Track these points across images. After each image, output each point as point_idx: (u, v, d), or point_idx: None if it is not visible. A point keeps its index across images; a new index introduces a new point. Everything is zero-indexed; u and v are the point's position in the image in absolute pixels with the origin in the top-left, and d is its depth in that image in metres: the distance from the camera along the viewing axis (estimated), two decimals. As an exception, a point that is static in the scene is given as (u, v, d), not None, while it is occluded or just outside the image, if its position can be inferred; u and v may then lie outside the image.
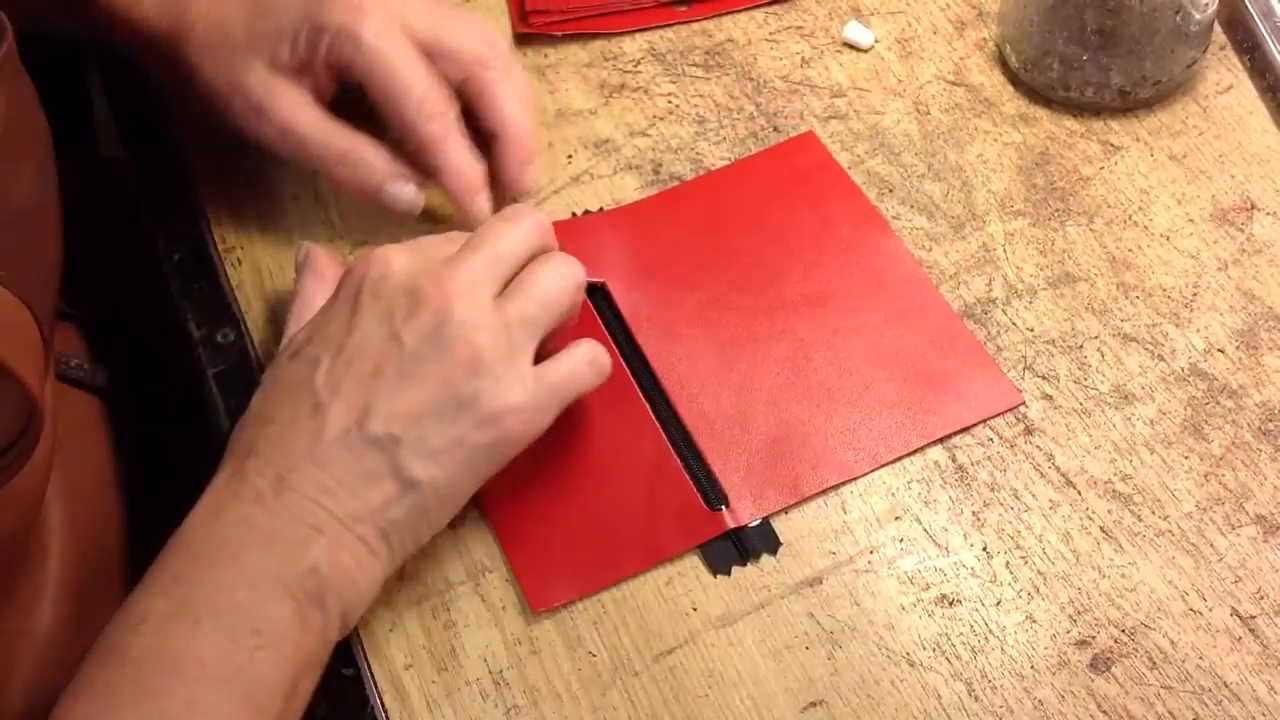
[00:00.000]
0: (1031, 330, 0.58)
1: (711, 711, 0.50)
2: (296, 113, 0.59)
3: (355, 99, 0.60)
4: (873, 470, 0.55)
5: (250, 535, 0.47)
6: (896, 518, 0.54)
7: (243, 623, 0.46)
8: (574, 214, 0.64)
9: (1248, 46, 0.67)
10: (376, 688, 0.52)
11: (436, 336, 0.49)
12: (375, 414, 0.48)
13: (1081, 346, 0.58)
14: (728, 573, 0.53)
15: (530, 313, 0.51)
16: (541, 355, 0.52)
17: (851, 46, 0.69)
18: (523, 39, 0.71)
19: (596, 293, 0.60)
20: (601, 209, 0.64)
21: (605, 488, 0.55)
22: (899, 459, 0.55)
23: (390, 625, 0.53)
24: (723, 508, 0.54)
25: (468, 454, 0.49)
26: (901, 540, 0.54)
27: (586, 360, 0.52)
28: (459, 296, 0.50)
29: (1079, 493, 0.54)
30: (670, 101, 0.68)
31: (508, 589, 0.53)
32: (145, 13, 0.60)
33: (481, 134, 0.61)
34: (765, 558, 0.53)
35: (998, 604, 0.52)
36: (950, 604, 0.52)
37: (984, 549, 0.53)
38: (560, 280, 0.52)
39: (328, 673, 0.52)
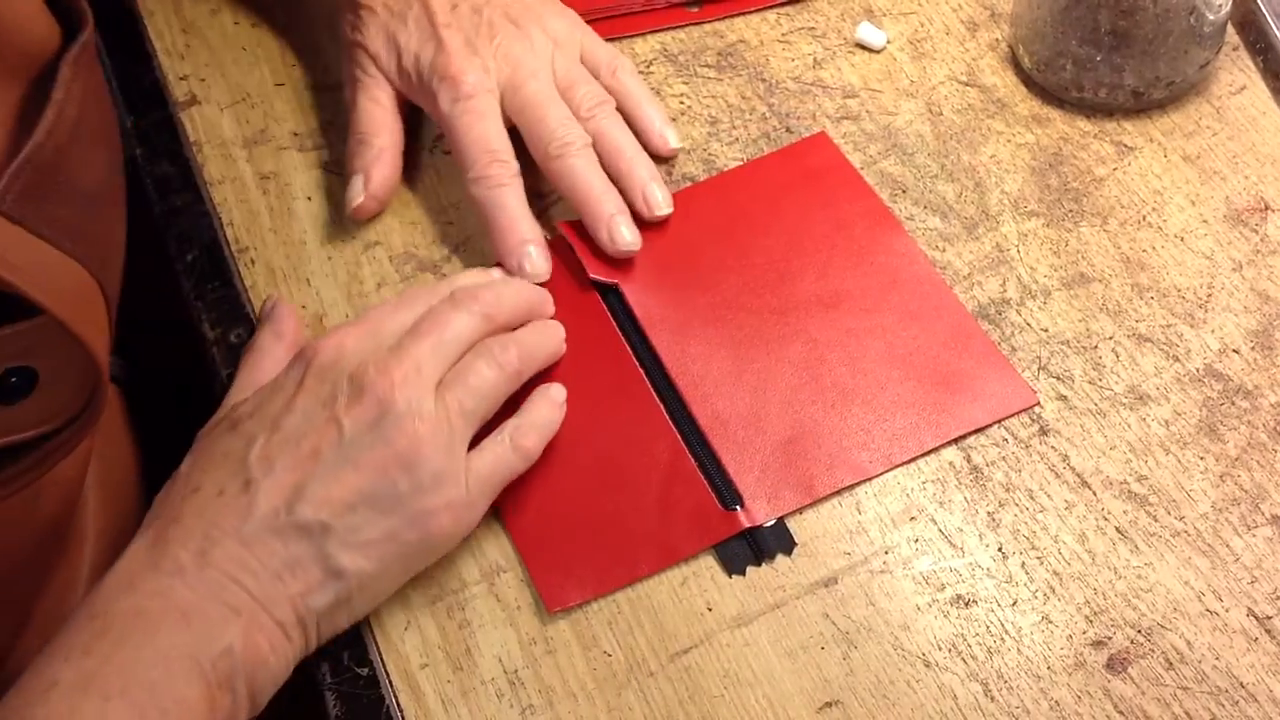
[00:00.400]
0: (1046, 331, 0.58)
1: (727, 711, 0.50)
2: (364, 88, 0.64)
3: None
4: (887, 471, 0.55)
5: (166, 609, 0.47)
6: (911, 518, 0.54)
7: (151, 702, 0.45)
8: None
9: (1261, 47, 0.67)
10: (392, 687, 0.52)
11: (377, 425, 0.49)
12: (307, 498, 0.48)
13: (1096, 347, 0.58)
14: (743, 573, 0.53)
15: (469, 405, 0.52)
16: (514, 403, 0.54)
17: (864, 47, 0.69)
18: (535, 40, 0.71)
19: (610, 294, 0.60)
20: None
21: (620, 488, 0.55)
22: (913, 459, 0.55)
23: (405, 624, 0.53)
24: (737, 508, 0.54)
25: (398, 548, 0.50)
26: (916, 541, 0.54)
27: (511, 447, 0.53)
28: (401, 385, 0.50)
29: (1094, 493, 0.54)
30: (683, 102, 0.68)
31: (523, 589, 0.53)
32: None
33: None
34: (780, 558, 0.53)
35: (1013, 604, 0.52)
36: (966, 604, 0.52)
37: (999, 549, 0.53)
38: (496, 372, 0.53)
39: (344, 672, 0.52)
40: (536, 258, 0.60)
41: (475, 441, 0.52)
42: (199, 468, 0.51)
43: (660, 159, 0.64)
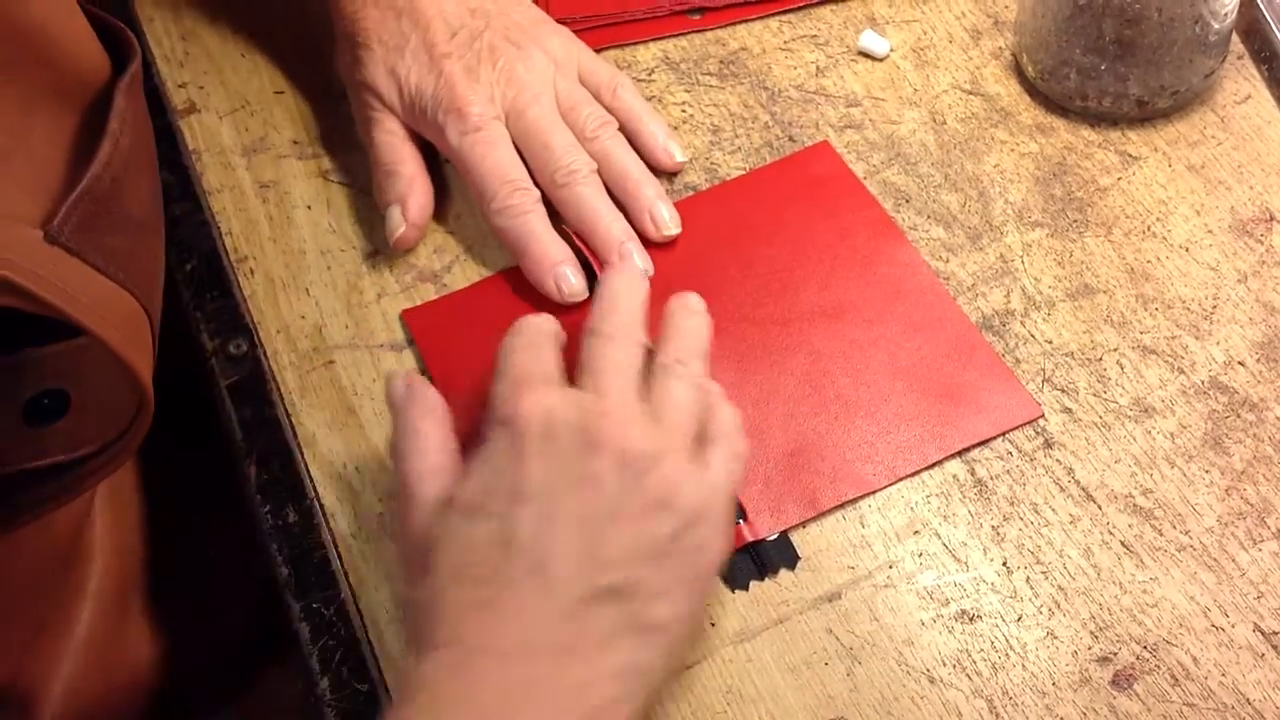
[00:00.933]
0: (1050, 342, 0.58)
1: (730, 728, 0.50)
2: (377, 125, 0.64)
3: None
4: (891, 484, 0.55)
5: (504, 704, 0.43)
6: (915, 532, 0.54)
7: None
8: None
9: (1266, 56, 0.67)
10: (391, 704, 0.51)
11: (627, 474, 0.46)
12: (600, 563, 0.45)
13: (1101, 359, 0.57)
14: (746, 587, 0.53)
15: (686, 426, 0.49)
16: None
17: (867, 55, 0.69)
18: (536, 48, 0.70)
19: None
20: (616, 219, 0.64)
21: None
22: (917, 472, 0.55)
23: (406, 640, 0.52)
24: (740, 521, 0.54)
25: (689, 584, 0.47)
26: (920, 555, 0.53)
27: (732, 447, 0.50)
28: (628, 428, 0.47)
29: (1099, 507, 0.54)
30: (684, 111, 0.67)
31: (524, 604, 0.53)
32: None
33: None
34: (783, 572, 0.53)
35: (1018, 620, 0.51)
36: (970, 620, 0.52)
37: (1004, 564, 0.53)
38: (690, 389, 0.50)
39: (343, 688, 0.52)
40: (573, 278, 0.60)
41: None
42: (460, 565, 0.46)
43: (666, 174, 0.64)
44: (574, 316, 0.60)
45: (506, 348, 0.51)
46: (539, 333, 0.52)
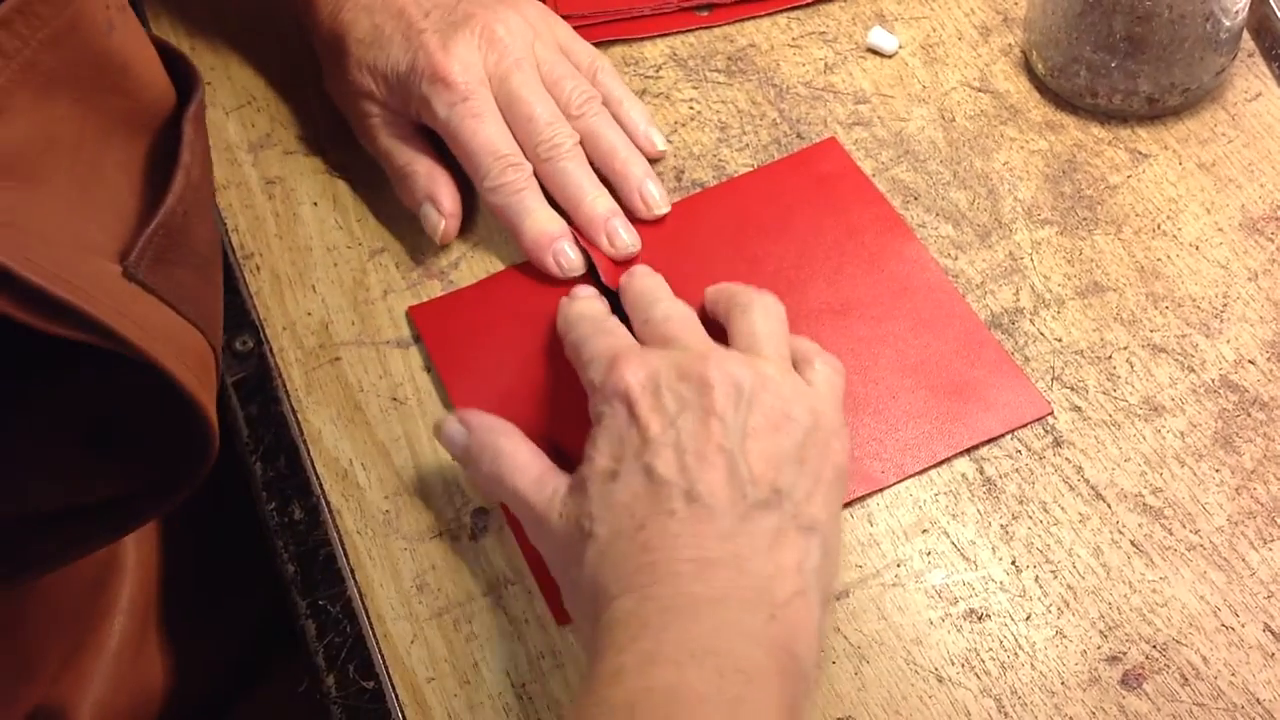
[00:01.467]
0: (1059, 340, 0.58)
1: (737, 727, 0.49)
2: (376, 130, 0.64)
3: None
4: (899, 481, 0.55)
5: (695, 603, 0.44)
6: (924, 530, 0.54)
7: (727, 663, 0.42)
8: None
9: (1277, 54, 0.66)
10: (398, 701, 0.51)
11: (742, 400, 0.48)
12: (747, 479, 0.47)
13: (1110, 357, 0.57)
14: (753, 586, 0.53)
15: (782, 349, 0.52)
16: None
17: (875, 52, 0.68)
18: (543, 44, 0.70)
19: (619, 302, 0.60)
20: (623, 216, 0.63)
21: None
22: (925, 470, 0.55)
23: (412, 638, 0.52)
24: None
25: (828, 485, 0.49)
26: (929, 553, 0.53)
27: (830, 364, 0.53)
28: (728, 359, 0.49)
29: (1109, 506, 0.53)
30: (692, 107, 0.67)
31: (531, 601, 0.53)
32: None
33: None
34: (791, 571, 0.53)
35: (1027, 619, 0.51)
36: (979, 619, 0.51)
37: (1013, 563, 0.52)
38: (768, 316, 0.53)
39: (349, 685, 0.51)
40: (570, 253, 0.60)
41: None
42: (616, 520, 0.47)
43: (651, 162, 0.64)
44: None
45: (577, 338, 0.53)
46: (597, 313, 0.55)
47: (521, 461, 0.51)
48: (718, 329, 0.55)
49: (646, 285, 0.56)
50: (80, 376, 0.45)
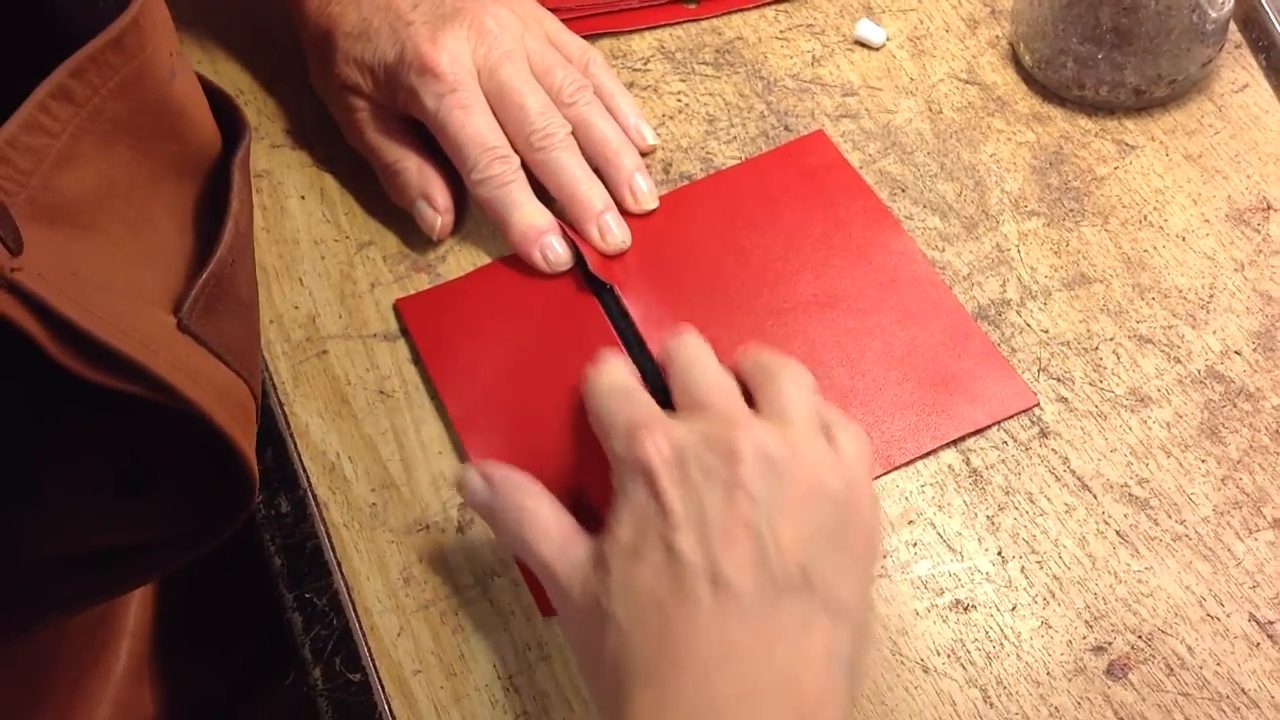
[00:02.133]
0: (1046, 332, 0.58)
1: (723, 718, 0.50)
2: (364, 126, 0.63)
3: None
4: (886, 473, 0.55)
5: (724, 700, 0.42)
6: (910, 522, 0.54)
7: None
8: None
9: (1263, 45, 0.66)
10: (384, 693, 0.51)
11: (770, 472, 0.45)
12: (775, 558, 0.44)
13: (1097, 348, 0.57)
14: (739, 577, 0.52)
15: (814, 417, 0.49)
16: None
17: (863, 44, 0.68)
18: (531, 37, 0.70)
19: (606, 294, 0.60)
20: (611, 209, 0.63)
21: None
22: (912, 461, 0.55)
23: (399, 630, 0.52)
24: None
25: (863, 564, 0.46)
26: (915, 545, 0.53)
27: (856, 432, 0.50)
28: (757, 428, 0.47)
29: (1095, 496, 0.53)
30: (680, 100, 0.67)
31: (517, 593, 0.53)
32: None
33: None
34: (777, 562, 0.53)
35: (1013, 609, 0.51)
36: (965, 609, 0.51)
37: (999, 553, 0.52)
38: (797, 387, 0.50)
39: (336, 678, 0.51)
40: (558, 247, 0.60)
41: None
42: (637, 602, 0.44)
43: (641, 155, 0.64)
44: (562, 282, 0.60)
45: (601, 408, 0.50)
46: (625, 379, 0.51)
47: (545, 525, 0.48)
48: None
49: (693, 354, 0.52)
50: (112, 417, 0.44)
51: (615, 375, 0.52)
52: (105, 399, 0.41)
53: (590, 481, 0.55)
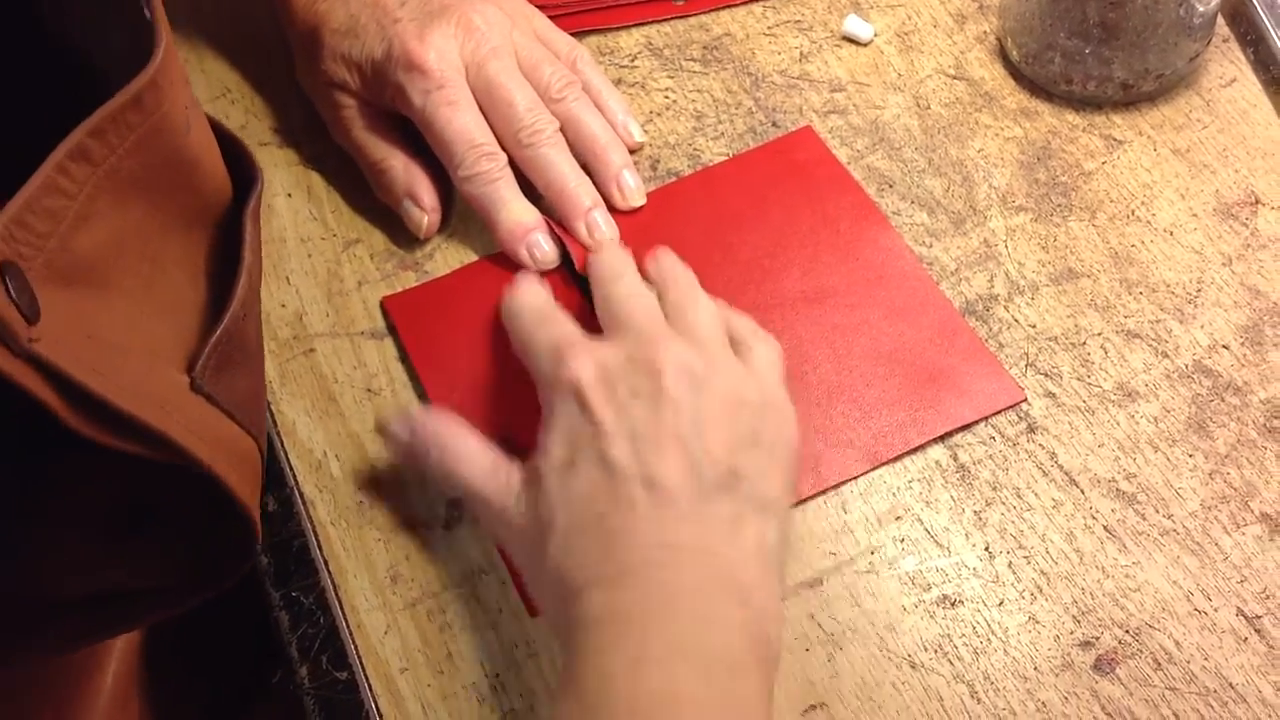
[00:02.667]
0: (1034, 327, 0.58)
1: (711, 715, 0.49)
2: (350, 123, 0.63)
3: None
4: (873, 469, 0.55)
5: (666, 596, 0.44)
6: (897, 518, 0.53)
7: (710, 658, 0.43)
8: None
9: (1251, 39, 0.66)
10: (371, 691, 0.51)
11: (693, 385, 0.49)
12: (704, 462, 0.47)
13: (1084, 343, 0.57)
14: (727, 574, 0.52)
15: (719, 336, 0.52)
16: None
17: (851, 40, 0.68)
18: (518, 34, 0.70)
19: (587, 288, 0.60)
20: (598, 205, 0.63)
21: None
22: (899, 457, 0.55)
23: (385, 628, 0.52)
24: (721, 508, 0.53)
25: (783, 465, 0.49)
26: (902, 540, 0.53)
27: (767, 343, 0.53)
28: (676, 346, 0.50)
29: (1082, 492, 0.53)
30: (667, 97, 0.67)
31: (504, 591, 0.53)
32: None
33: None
34: (765, 558, 0.53)
35: (1000, 605, 0.51)
36: (952, 605, 0.51)
37: (986, 549, 0.52)
38: (708, 308, 0.53)
39: (323, 676, 0.51)
40: (545, 244, 0.60)
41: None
42: (576, 510, 0.47)
43: (630, 151, 0.64)
44: (548, 280, 0.60)
45: (522, 330, 0.53)
46: (543, 304, 0.54)
47: (471, 455, 0.50)
48: None
49: (613, 261, 0.56)
50: (112, 460, 0.44)
51: (534, 296, 0.55)
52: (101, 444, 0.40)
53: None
